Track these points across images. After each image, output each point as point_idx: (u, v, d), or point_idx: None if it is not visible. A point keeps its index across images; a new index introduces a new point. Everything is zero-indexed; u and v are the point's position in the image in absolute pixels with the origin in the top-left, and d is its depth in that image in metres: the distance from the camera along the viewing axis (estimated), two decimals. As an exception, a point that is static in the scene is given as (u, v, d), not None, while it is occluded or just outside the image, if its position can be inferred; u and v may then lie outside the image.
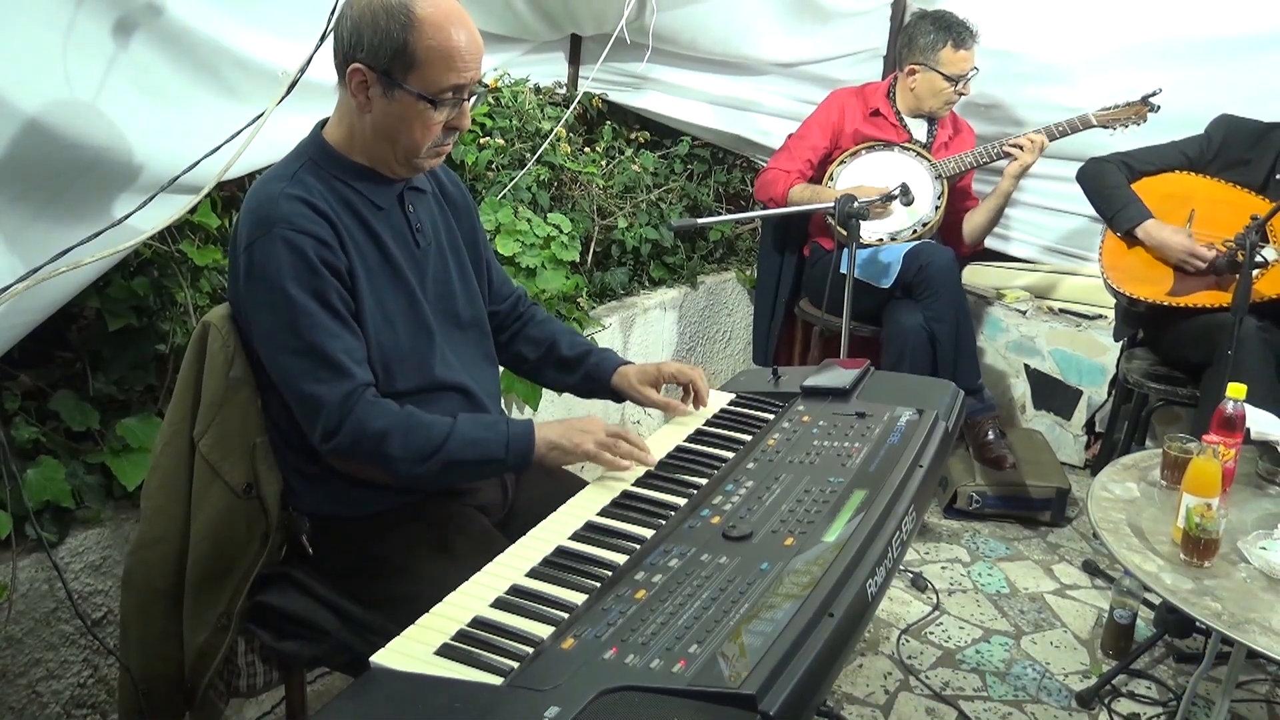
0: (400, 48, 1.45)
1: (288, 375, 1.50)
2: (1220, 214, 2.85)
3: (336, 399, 1.47)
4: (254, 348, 1.55)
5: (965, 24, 3.23)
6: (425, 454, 1.50)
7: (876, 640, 2.60)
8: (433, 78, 1.48)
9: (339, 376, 1.48)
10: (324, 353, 1.47)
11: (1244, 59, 3.24)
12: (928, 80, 3.26)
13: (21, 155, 1.59)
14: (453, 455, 1.51)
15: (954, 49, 3.21)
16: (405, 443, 1.49)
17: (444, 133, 1.55)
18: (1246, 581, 1.76)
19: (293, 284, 1.47)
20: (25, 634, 1.84)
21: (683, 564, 1.25)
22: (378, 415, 1.49)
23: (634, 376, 1.82)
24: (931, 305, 3.02)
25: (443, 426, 1.52)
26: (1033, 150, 3.17)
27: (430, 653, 1.12)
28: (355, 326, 1.53)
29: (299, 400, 1.50)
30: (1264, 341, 2.63)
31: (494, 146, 3.22)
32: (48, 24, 1.59)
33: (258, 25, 2.00)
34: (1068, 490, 3.26)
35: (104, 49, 1.69)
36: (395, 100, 1.49)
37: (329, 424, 1.48)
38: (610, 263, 3.54)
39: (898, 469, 1.49)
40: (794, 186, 3.25)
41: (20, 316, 1.72)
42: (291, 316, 1.47)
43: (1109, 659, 2.56)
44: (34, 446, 1.90)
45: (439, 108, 1.50)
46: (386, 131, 1.53)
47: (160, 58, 1.80)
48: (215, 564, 1.59)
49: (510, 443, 1.54)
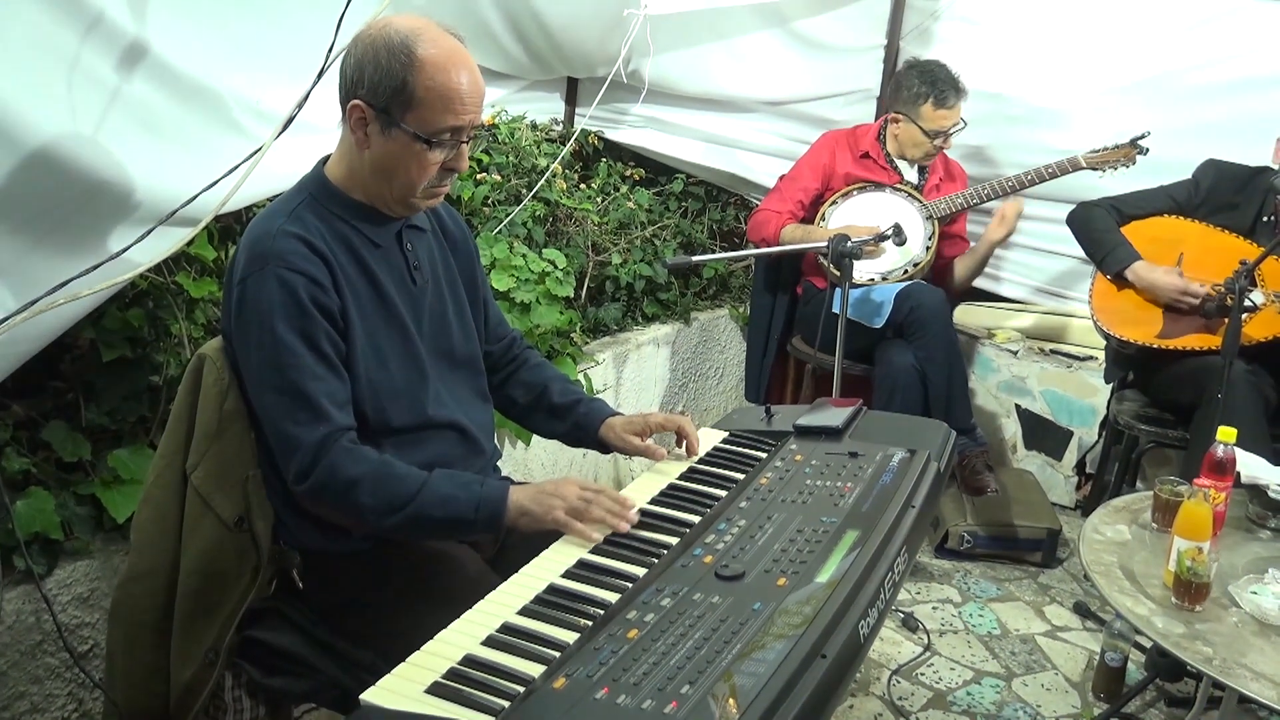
0: (399, 87, 1.47)
1: (268, 413, 1.50)
2: (1208, 257, 2.88)
3: (312, 442, 1.47)
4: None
5: (953, 81, 3.25)
6: (395, 506, 1.48)
7: (867, 680, 2.59)
8: (430, 119, 1.49)
9: (317, 419, 1.47)
10: (305, 394, 1.47)
11: (1232, 103, 3.30)
12: (909, 131, 3.31)
13: (23, 187, 1.59)
14: (422, 510, 1.48)
15: (934, 106, 3.25)
16: (375, 492, 1.48)
17: (441, 174, 1.55)
18: (1238, 626, 1.76)
19: (281, 323, 1.47)
20: (10, 666, 1.82)
21: (675, 603, 1.25)
22: (352, 462, 1.48)
23: (620, 427, 1.80)
24: (923, 345, 3.03)
25: (415, 479, 1.50)
26: (1003, 225, 3.24)
27: (421, 691, 1.11)
28: (341, 370, 1.53)
29: (276, 439, 1.51)
30: (1253, 385, 2.64)
31: (490, 182, 3.24)
32: (55, 58, 1.61)
33: (247, 63, 2.02)
34: (1058, 531, 3.26)
35: (106, 83, 1.70)
36: (392, 139, 1.50)
37: (301, 465, 1.47)
38: (604, 298, 3.56)
39: (890, 509, 1.49)
40: (786, 226, 3.28)
41: (16, 347, 1.73)
42: (277, 355, 1.47)
43: (1100, 702, 2.55)
44: (24, 477, 1.89)
45: (435, 148, 1.51)
46: (383, 169, 1.54)
47: (158, 93, 1.82)
48: (205, 598, 1.58)
49: (480, 505, 1.50)
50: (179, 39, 1.82)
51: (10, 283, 1.63)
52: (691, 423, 1.82)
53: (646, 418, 1.81)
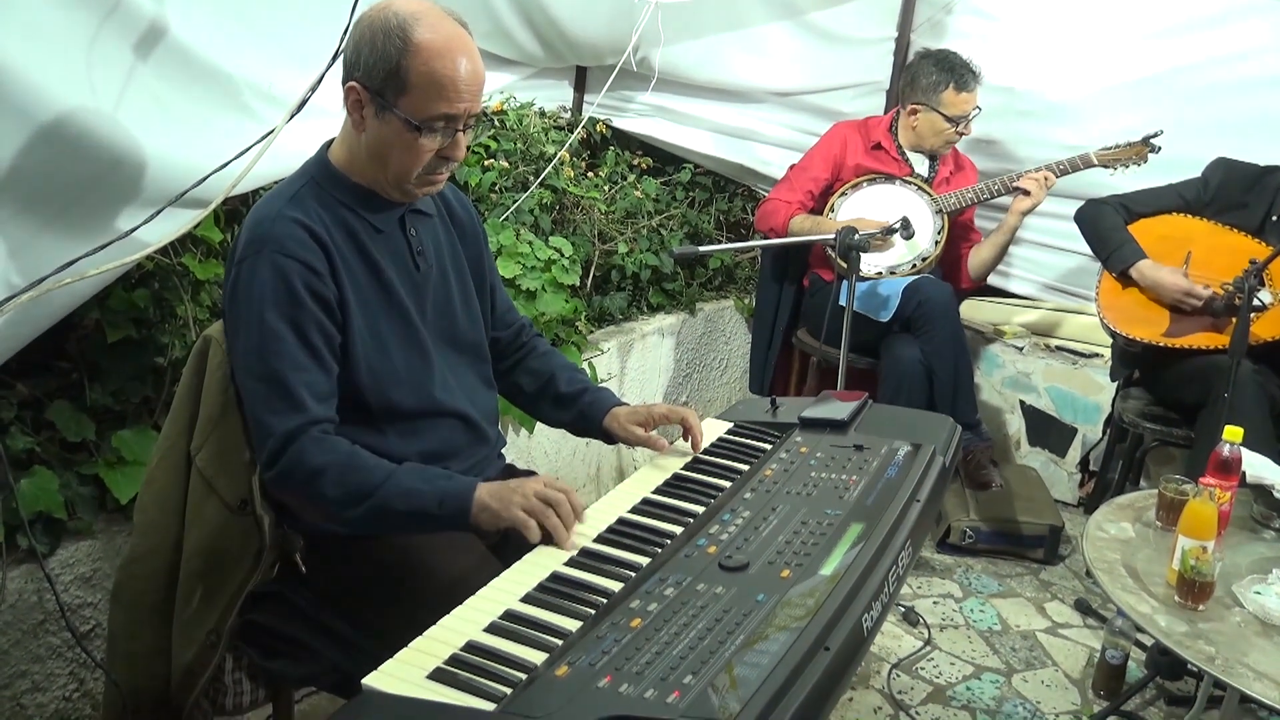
0: (393, 70, 1.45)
1: (248, 398, 1.50)
2: (1216, 256, 2.87)
3: (283, 431, 1.45)
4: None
5: (968, 65, 3.25)
6: (358, 497, 1.45)
7: (867, 674, 2.59)
8: (421, 105, 1.47)
9: (292, 409, 1.46)
10: (284, 383, 1.46)
11: (1245, 101, 3.28)
12: (929, 120, 3.29)
13: (36, 166, 1.59)
14: (385, 502, 1.45)
15: (956, 91, 3.24)
16: (340, 483, 1.45)
17: (436, 161, 1.53)
18: (1241, 626, 1.75)
19: (271, 310, 1.46)
20: (12, 645, 1.83)
21: (678, 593, 1.25)
22: (319, 452, 1.45)
23: (624, 417, 1.79)
24: (929, 340, 3.03)
25: (381, 471, 1.47)
26: (1041, 190, 3.19)
27: (423, 676, 1.11)
28: (329, 361, 1.51)
29: (252, 425, 1.50)
30: (1259, 385, 2.64)
31: (498, 169, 3.23)
32: (75, 34, 1.60)
33: (260, 47, 2.01)
34: (1061, 528, 3.26)
35: (123, 64, 1.70)
36: (386, 123, 1.49)
37: (270, 454, 1.46)
38: (609, 287, 3.55)
39: (895, 503, 1.48)
40: (795, 217, 3.27)
41: (22, 327, 1.72)
42: (262, 341, 1.46)
43: (1100, 699, 2.55)
44: (28, 456, 1.89)
45: (426, 135, 1.48)
46: (378, 153, 1.52)
47: (172, 74, 1.81)
48: (207, 580, 1.58)
49: (445, 499, 1.46)
50: (196, 21, 1.82)
51: (19, 261, 1.63)
52: (696, 416, 1.81)
53: (650, 409, 1.79)
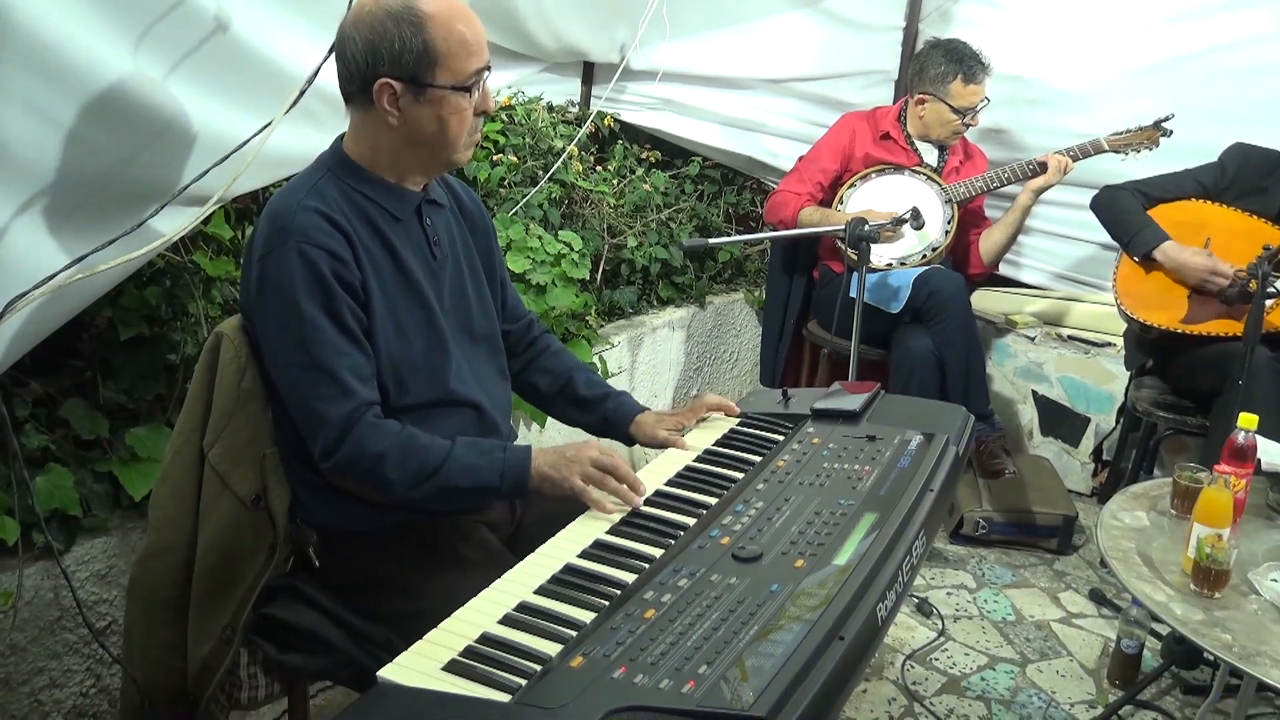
0: (422, 49, 1.47)
1: (293, 390, 1.51)
2: (1234, 242, 2.84)
3: (338, 417, 1.48)
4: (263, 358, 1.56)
5: (977, 56, 3.23)
6: (421, 477, 1.50)
7: (881, 665, 2.59)
8: (458, 67, 1.50)
9: (342, 395, 1.48)
10: (330, 370, 1.48)
11: (1257, 86, 3.25)
12: (936, 110, 3.27)
13: (61, 165, 1.59)
14: (448, 480, 1.51)
15: (964, 83, 3.22)
16: (402, 465, 1.49)
17: (474, 120, 1.57)
18: (1257, 613, 1.74)
19: (305, 299, 1.47)
20: (29, 641, 1.84)
21: (692, 584, 1.25)
22: (378, 437, 1.49)
23: (651, 424, 1.81)
24: (941, 330, 3.01)
25: (440, 450, 1.52)
26: (1058, 171, 3.16)
27: (438, 668, 1.11)
28: (365, 343, 1.53)
29: (302, 416, 1.51)
30: (1275, 372, 2.62)
31: (506, 163, 3.23)
32: (118, 36, 1.62)
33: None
34: (1074, 517, 3.25)
35: (167, 57, 1.72)
36: (427, 101, 1.51)
37: (328, 442, 1.49)
38: (619, 281, 3.55)
39: (908, 492, 1.48)
40: (804, 209, 3.26)
41: (37, 325, 1.73)
42: (300, 331, 1.48)
43: (1115, 689, 2.54)
44: (43, 454, 1.90)
45: (471, 94, 1.53)
46: (422, 137, 1.54)
47: (215, 69, 1.81)
48: (222, 575, 1.59)
49: (505, 472, 1.53)
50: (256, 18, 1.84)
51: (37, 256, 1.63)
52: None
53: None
